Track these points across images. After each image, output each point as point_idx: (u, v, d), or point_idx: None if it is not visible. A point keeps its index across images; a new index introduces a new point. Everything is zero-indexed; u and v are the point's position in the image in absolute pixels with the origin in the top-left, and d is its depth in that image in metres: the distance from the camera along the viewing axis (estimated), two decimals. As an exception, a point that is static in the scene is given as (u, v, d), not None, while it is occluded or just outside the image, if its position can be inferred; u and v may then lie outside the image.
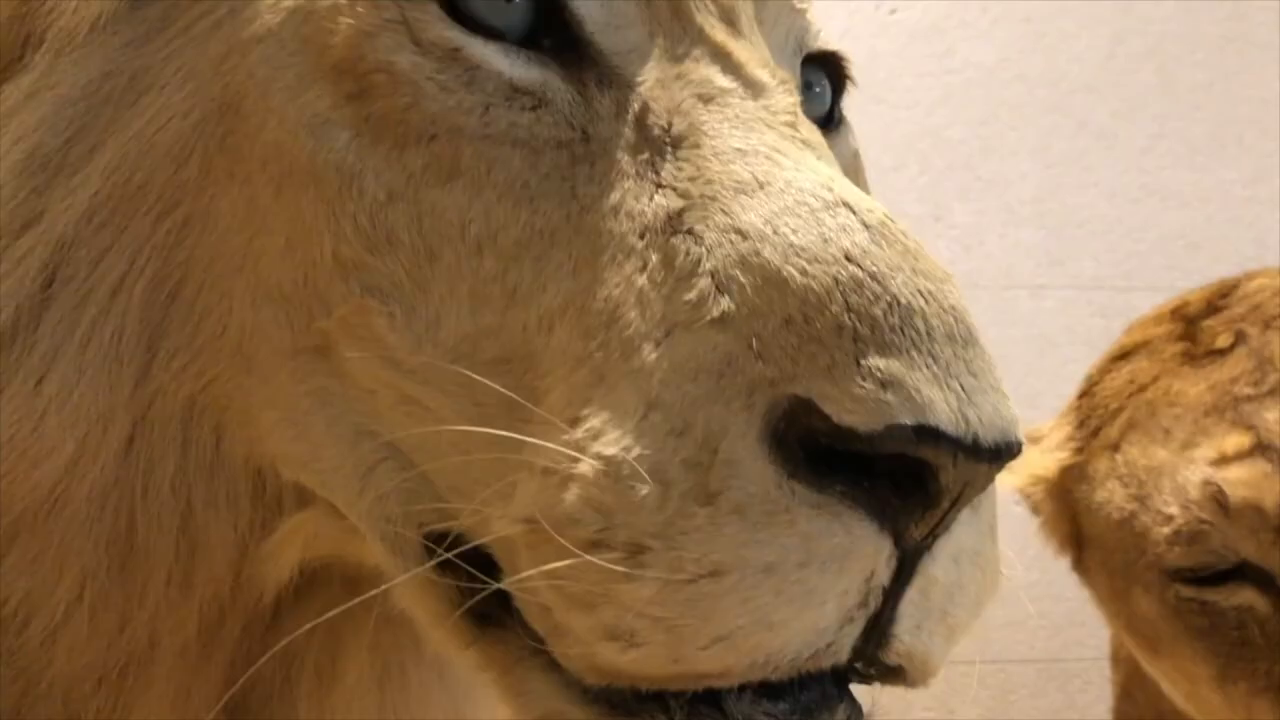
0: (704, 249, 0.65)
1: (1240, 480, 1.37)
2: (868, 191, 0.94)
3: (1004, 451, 0.62)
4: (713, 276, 0.64)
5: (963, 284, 2.06)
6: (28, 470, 0.76)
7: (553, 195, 0.70)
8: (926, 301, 0.62)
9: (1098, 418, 1.59)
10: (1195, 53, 2.79)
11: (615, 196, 0.69)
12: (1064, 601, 1.98)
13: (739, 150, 0.69)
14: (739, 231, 0.65)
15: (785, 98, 0.74)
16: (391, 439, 0.74)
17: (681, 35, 0.75)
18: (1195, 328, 1.57)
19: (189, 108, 0.76)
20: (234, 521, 0.80)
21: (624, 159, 0.70)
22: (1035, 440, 1.68)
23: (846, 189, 0.68)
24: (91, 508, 0.77)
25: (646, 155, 0.70)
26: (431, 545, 0.73)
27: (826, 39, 0.89)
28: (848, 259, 0.62)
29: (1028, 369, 2.62)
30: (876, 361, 0.60)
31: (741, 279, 0.63)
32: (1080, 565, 1.64)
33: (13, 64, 0.78)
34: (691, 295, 0.64)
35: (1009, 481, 1.64)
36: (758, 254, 0.63)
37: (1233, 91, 2.80)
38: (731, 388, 0.62)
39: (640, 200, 0.69)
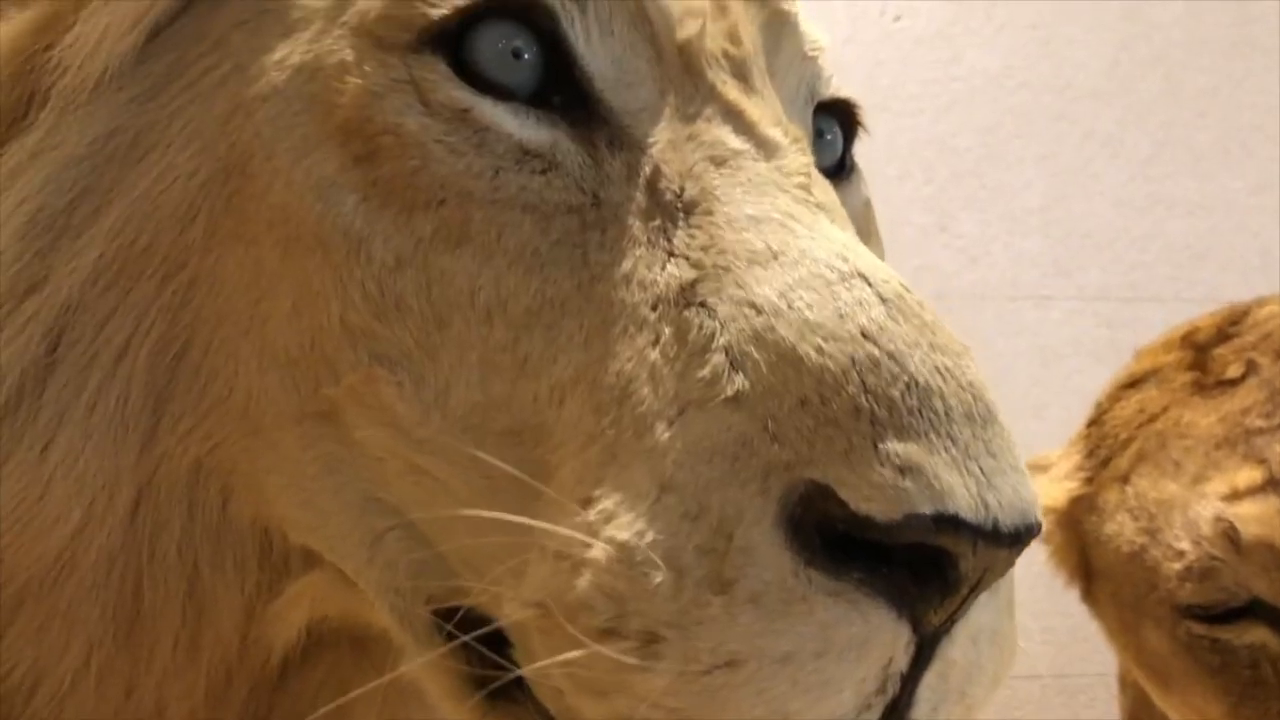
0: (717, 323, 0.64)
1: (1252, 517, 1.35)
2: (879, 236, 0.93)
3: (1024, 535, 0.61)
4: (726, 353, 0.63)
5: (967, 294, 2.06)
6: (33, 539, 0.75)
7: (564, 262, 0.69)
8: (944, 379, 0.61)
9: (1107, 448, 1.57)
10: (1201, 60, 2.78)
11: (627, 265, 0.68)
12: (1069, 617, 1.97)
13: (752, 217, 0.68)
14: (753, 305, 0.63)
15: (798, 158, 0.73)
16: (400, 507, 0.73)
17: (693, 93, 0.74)
18: (1206, 356, 1.55)
19: (194, 168, 0.75)
20: (241, 584, 0.79)
21: (635, 225, 0.69)
22: (1044, 468, 1.67)
23: (862, 257, 0.66)
24: (97, 574, 0.76)
25: (658, 221, 0.69)
26: (442, 620, 0.72)
27: (838, 86, 0.88)
28: (864, 336, 0.61)
29: (1032, 380, 2.61)
30: (894, 446, 0.58)
31: (756, 356, 0.62)
32: (1089, 596, 1.63)
33: (16, 122, 0.77)
34: (705, 372, 0.63)
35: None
36: (772, 330, 0.62)
37: (1239, 99, 2.78)
38: (746, 470, 0.60)
39: (652, 269, 0.67)
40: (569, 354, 0.67)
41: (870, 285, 0.64)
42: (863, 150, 2.78)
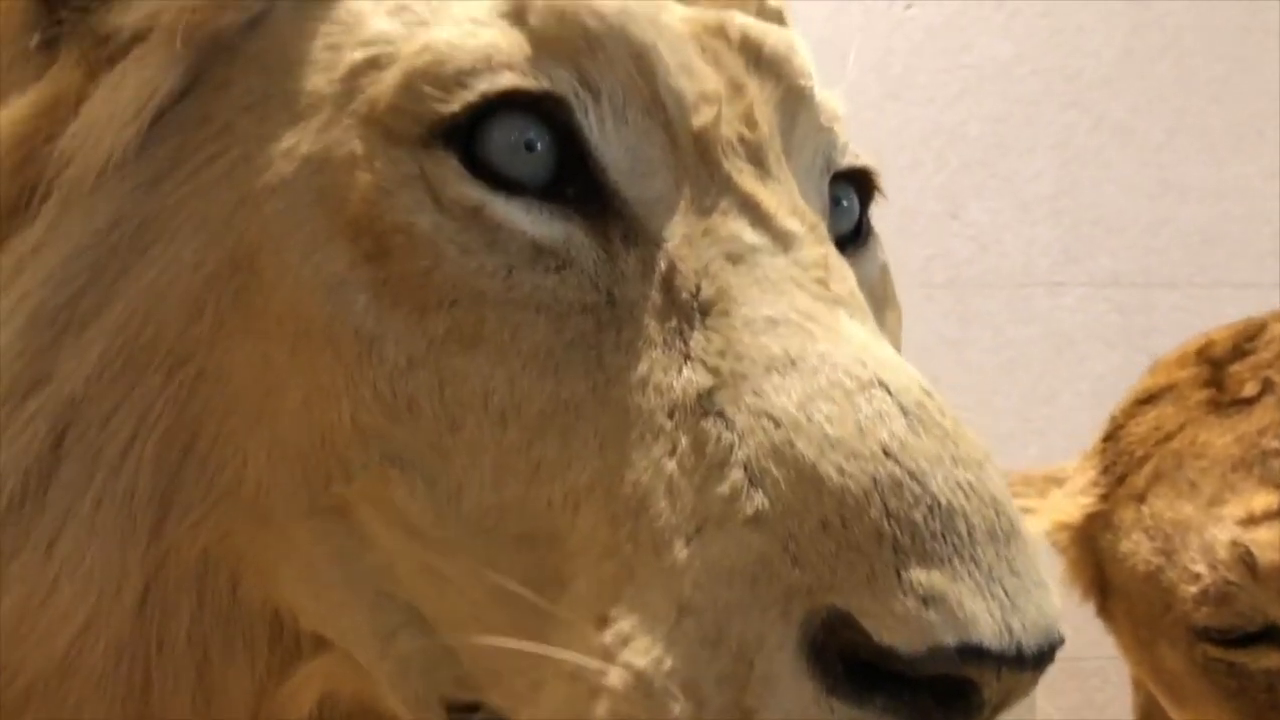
0: (736, 435, 0.63)
1: (1269, 543, 1.34)
2: (896, 300, 0.92)
3: (1048, 653, 0.60)
4: (745, 468, 0.62)
5: (979, 281, 2.04)
6: (40, 639, 0.74)
7: (578, 364, 0.68)
8: (967, 497, 0.60)
9: (1123, 464, 1.56)
10: (1213, 46, 2.76)
11: (643, 368, 0.67)
12: (1080, 602, 1.97)
13: (770, 319, 0.66)
14: (771, 417, 0.62)
15: (815, 249, 0.72)
16: (414, 605, 0.72)
17: (709, 184, 0.73)
18: (1222, 373, 1.54)
19: (200, 260, 0.74)
20: (251, 667, 0.79)
21: (651, 325, 0.68)
22: (1059, 482, 1.66)
23: (882, 361, 0.65)
24: (105, 669, 0.76)
25: (674, 322, 0.68)
26: (457, 716, 0.71)
27: (855, 153, 0.86)
28: (886, 454, 0.60)
29: (1044, 366, 2.61)
30: (918, 575, 0.57)
31: (775, 473, 0.61)
32: (1105, 611, 1.62)
33: (17, 214, 0.75)
34: (724, 488, 0.62)
35: (1035, 526, 1.62)
36: (792, 445, 0.61)
37: (1251, 85, 2.76)
38: (767, 595, 0.59)
39: (669, 373, 0.66)
40: (584, 459, 0.66)
41: (890, 394, 0.63)
42: (874, 138, 2.75)
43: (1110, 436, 1.62)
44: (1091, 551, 1.60)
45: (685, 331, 0.67)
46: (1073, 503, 1.60)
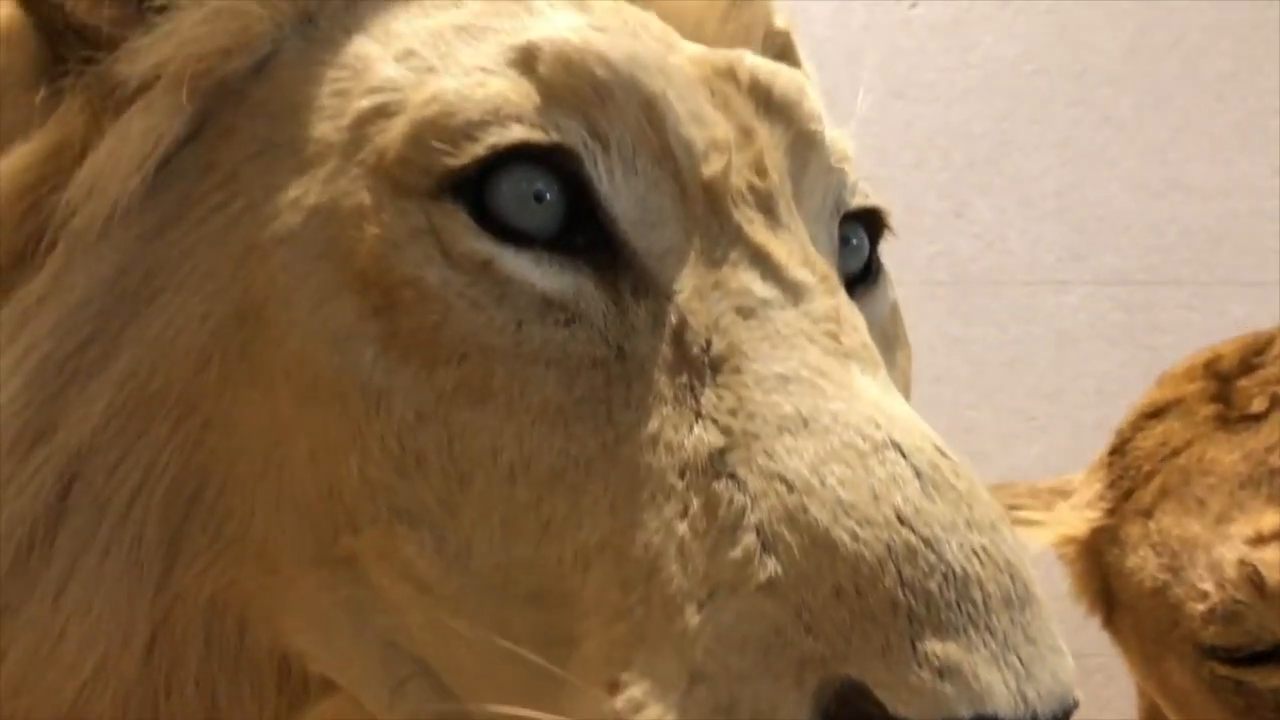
0: (748, 498, 0.62)
1: (1277, 563, 1.34)
2: (906, 339, 0.92)
3: (1062, 719, 0.60)
4: (758, 532, 0.61)
5: (984, 279, 2.04)
6: (48, 690, 0.74)
7: (588, 420, 0.67)
8: (982, 564, 0.60)
9: (1130, 479, 1.56)
10: (1220, 44, 2.75)
11: (653, 424, 0.66)
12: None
13: (781, 376, 0.66)
14: (785, 480, 0.62)
15: (826, 300, 0.71)
16: (422, 657, 0.72)
17: (719, 234, 0.72)
18: (1229, 388, 1.53)
19: (207, 311, 0.73)
20: (259, 711, 0.79)
21: (662, 380, 0.68)
22: (1065, 494, 1.66)
23: (894, 420, 0.65)
24: (114, 715, 0.75)
25: (685, 378, 0.67)
26: None
27: (865, 192, 0.86)
28: (900, 520, 0.60)
29: (1049, 364, 2.61)
30: (933, 646, 0.57)
31: (789, 539, 0.60)
32: (1110, 625, 1.62)
33: (22, 264, 0.75)
34: (736, 553, 0.61)
35: (1041, 539, 1.62)
36: (805, 510, 0.61)
37: (1258, 83, 2.75)
38: (780, 663, 0.59)
39: (680, 430, 0.66)
40: (594, 518, 0.66)
41: (904, 456, 0.62)
42: (879, 136, 2.74)
43: (1117, 450, 1.61)
44: (1097, 566, 1.60)
45: (696, 388, 0.67)
46: (1079, 516, 1.60)
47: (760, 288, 0.70)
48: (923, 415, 0.91)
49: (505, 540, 0.67)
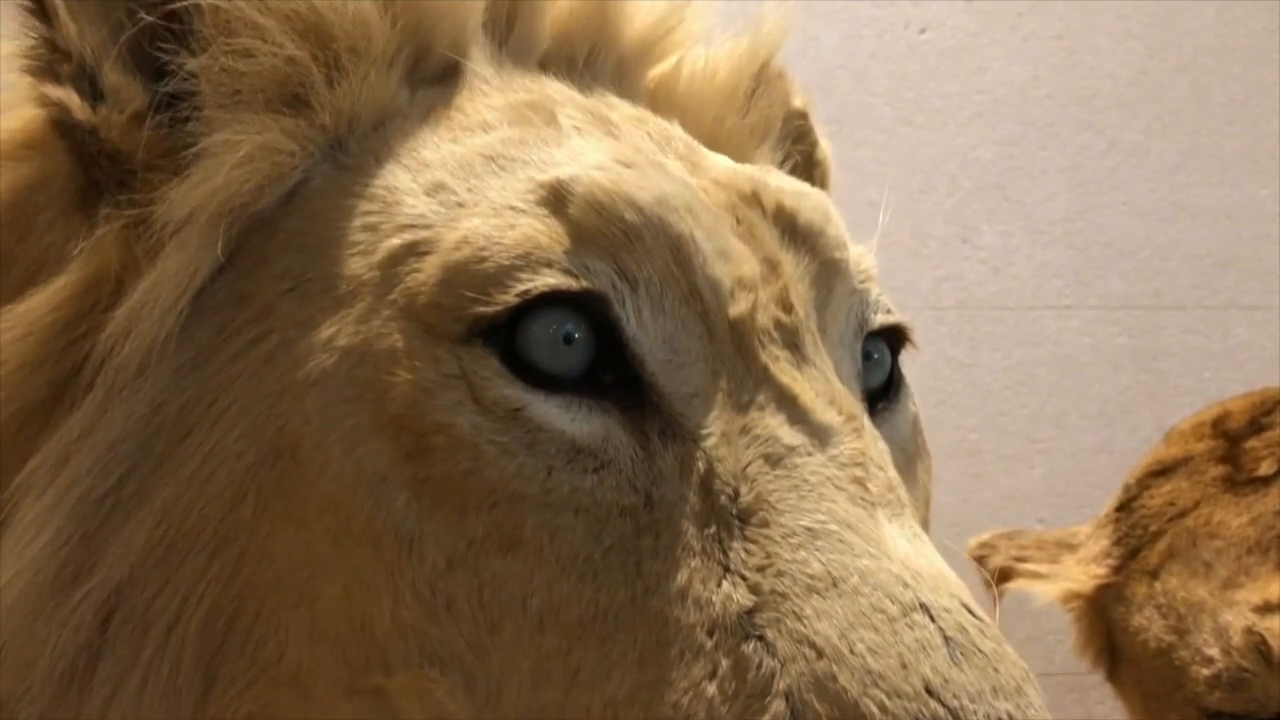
0: (777, 662, 0.64)
1: (1283, 632, 1.36)
2: (926, 450, 0.93)
3: None
4: (787, 699, 0.63)
5: (990, 304, 2.04)
6: None
7: (616, 571, 0.69)
8: None
9: (1136, 537, 1.58)
10: (1228, 68, 2.75)
11: (682, 578, 0.68)
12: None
13: (809, 531, 0.67)
14: (814, 646, 0.63)
15: (853, 443, 0.72)
16: None
17: (745, 376, 0.73)
18: (1237, 449, 1.55)
19: (242, 449, 0.75)
20: None
21: (690, 531, 0.69)
22: (1072, 548, 1.68)
23: (922, 578, 0.66)
24: None
25: (713, 529, 0.69)
26: None
27: (887, 308, 0.87)
28: (928, 691, 0.61)
29: (1053, 388, 2.62)
30: None
31: (818, 708, 0.62)
32: (1114, 678, 1.64)
33: (59, 400, 0.76)
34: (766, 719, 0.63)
35: (1047, 593, 1.64)
36: (834, 679, 0.62)
37: (1267, 107, 2.76)
38: None
39: (708, 585, 0.67)
40: (623, 671, 0.67)
41: (932, 620, 0.64)
42: (887, 161, 2.73)
43: (1123, 506, 1.63)
44: (1102, 621, 1.62)
45: (724, 540, 0.68)
46: (1085, 571, 1.62)
47: (787, 434, 0.71)
48: (928, 438, 0.92)
49: (534, 687, 0.69)
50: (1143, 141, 2.72)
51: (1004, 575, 1.70)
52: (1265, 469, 1.51)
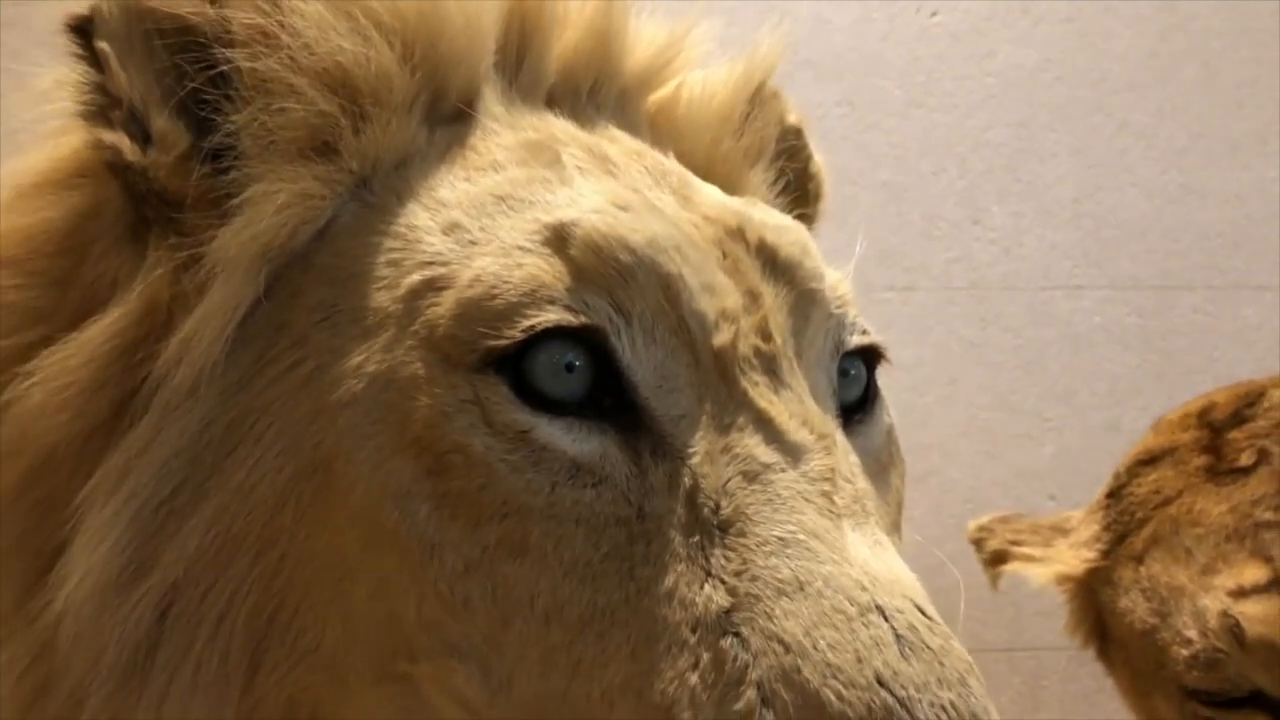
0: (750, 656, 0.73)
1: (1256, 616, 1.44)
2: (900, 458, 1.01)
3: None
4: (759, 688, 0.72)
5: (1000, 285, 2.09)
6: None
7: (612, 574, 0.78)
8: (950, 718, 0.70)
9: (1124, 523, 1.65)
10: (1238, 50, 2.77)
11: (669, 581, 0.77)
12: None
13: (781, 540, 0.76)
14: (782, 642, 0.72)
15: (822, 459, 0.81)
16: None
17: (727, 400, 0.82)
18: (1220, 440, 1.62)
19: (282, 464, 0.83)
20: None
21: (677, 539, 0.78)
22: (1065, 532, 1.75)
23: (878, 581, 0.75)
24: None
25: (697, 538, 0.77)
26: None
27: (863, 329, 0.95)
28: (879, 682, 0.70)
29: (1063, 368, 2.66)
30: None
31: (785, 696, 0.71)
32: (1104, 656, 1.72)
33: (118, 421, 0.84)
34: (740, 706, 0.72)
35: (1040, 575, 1.72)
36: (799, 671, 0.71)
37: (1276, 89, 2.77)
38: None
39: (692, 588, 0.76)
40: (619, 662, 0.76)
41: (886, 619, 0.73)
42: (898, 144, 2.75)
43: (1113, 494, 1.70)
44: (1092, 603, 1.69)
45: (707, 548, 0.77)
46: (1076, 555, 1.69)
47: (763, 452, 0.80)
48: (940, 416, 0.97)
49: (542, 675, 0.78)
50: (1152, 124, 2.74)
51: (1000, 558, 1.78)
52: (1245, 460, 1.58)
